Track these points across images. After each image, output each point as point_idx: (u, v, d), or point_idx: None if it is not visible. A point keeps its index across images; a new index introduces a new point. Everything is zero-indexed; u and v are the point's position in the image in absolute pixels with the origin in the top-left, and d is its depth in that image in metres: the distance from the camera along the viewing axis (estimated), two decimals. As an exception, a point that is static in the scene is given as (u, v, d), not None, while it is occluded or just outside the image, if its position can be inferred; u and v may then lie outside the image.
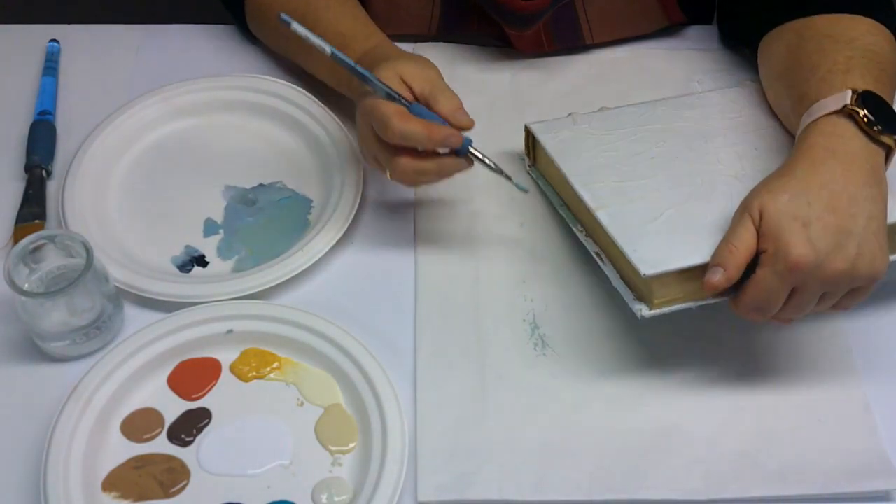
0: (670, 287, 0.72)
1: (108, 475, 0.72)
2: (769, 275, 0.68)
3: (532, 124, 0.87)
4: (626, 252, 0.73)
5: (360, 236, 0.86)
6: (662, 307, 0.72)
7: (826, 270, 0.68)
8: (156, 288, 0.80)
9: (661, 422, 0.75)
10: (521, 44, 0.98)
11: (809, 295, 0.69)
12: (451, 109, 0.76)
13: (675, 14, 1.01)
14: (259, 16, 0.96)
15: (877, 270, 0.69)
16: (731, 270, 0.69)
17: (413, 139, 0.75)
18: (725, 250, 0.70)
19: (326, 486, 0.72)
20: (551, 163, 0.83)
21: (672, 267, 0.71)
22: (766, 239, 0.69)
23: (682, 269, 0.72)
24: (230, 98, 0.94)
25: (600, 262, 0.78)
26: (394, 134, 0.75)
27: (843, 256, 0.68)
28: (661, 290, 0.72)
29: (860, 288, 0.71)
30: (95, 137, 0.89)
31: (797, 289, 0.69)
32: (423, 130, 0.75)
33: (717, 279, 0.69)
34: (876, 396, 0.77)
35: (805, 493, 0.72)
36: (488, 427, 0.74)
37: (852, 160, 0.71)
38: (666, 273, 0.71)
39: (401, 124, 0.74)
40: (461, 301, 0.82)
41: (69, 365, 0.78)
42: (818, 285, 0.69)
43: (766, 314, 0.71)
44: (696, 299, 0.73)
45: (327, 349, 0.77)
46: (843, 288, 0.70)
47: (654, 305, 0.72)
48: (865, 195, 0.70)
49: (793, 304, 0.70)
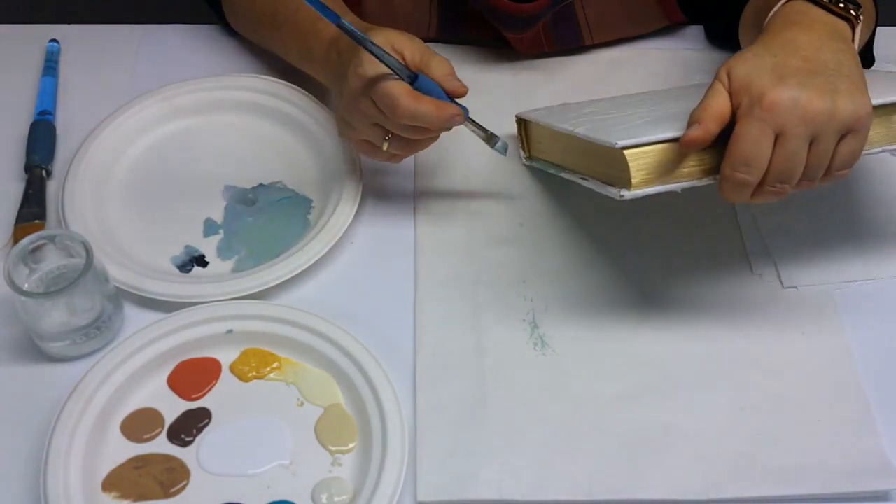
0: (650, 167, 0.70)
1: (108, 475, 0.72)
2: (748, 123, 0.66)
3: (522, 112, 0.87)
4: (600, 141, 0.71)
5: (360, 236, 0.87)
6: (643, 188, 0.70)
7: (806, 108, 0.65)
8: (156, 288, 0.80)
9: (661, 422, 0.75)
10: (520, 46, 0.98)
11: (796, 140, 0.66)
12: (443, 74, 0.76)
13: (675, 14, 1.02)
14: (235, 6, 0.96)
15: (859, 108, 0.67)
16: (707, 122, 0.67)
17: (423, 119, 0.75)
18: (698, 109, 0.68)
19: (326, 486, 0.72)
20: (540, 131, 0.83)
21: (645, 139, 0.70)
22: (738, 94, 0.67)
23: (659, 146, 0.69)
24: (230, 98, 0.94)
25: (585, 182, 0.77)
26: (404, 114, 0.74)
27: (819, 93, 0.66)
28: (640, 170, 0.70)
29: (852, 134, 0.67)
30: (95, 137, 0.89)
31: (781, 135, 0.66)
32: (433, 111, 0.74)
33: (695, 133, 0.67)
34: (876, 396, 0.77)
35: (805, 493, 0.72)
36: (488, 427, 0.75)
37: (812, 24, 0.70)
38: (641, 149, 0.69)
39: (412, 105, 0.74)
40: (461, 301, 0.82)
41: (69, 365, 0.78)
42: (801, 126, 0.66)
43: (755, 172, 0.67)
44: (679, 180, 0.70)
45: (327, 349, 0.77)
46: (831, 132, 0.66)
47: (634, 186, 0.70)
48: (832, 47, 0.69)
49: (781, 155, 0.66)
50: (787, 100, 0.65)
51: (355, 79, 0.77)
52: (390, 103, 0.74)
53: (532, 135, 0.88)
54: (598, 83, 0.97)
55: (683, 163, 0.70)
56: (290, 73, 0.95)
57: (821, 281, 0.83)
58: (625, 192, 0.70)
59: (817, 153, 0.67)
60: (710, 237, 0.86)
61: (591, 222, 0.87)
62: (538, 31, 0.96)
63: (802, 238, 0.86)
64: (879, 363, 0.79)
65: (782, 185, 0.68)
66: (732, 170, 0.67)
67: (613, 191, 0.71)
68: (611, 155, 0.71)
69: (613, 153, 0.70)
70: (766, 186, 0.68)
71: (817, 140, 0.67)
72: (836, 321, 0.81)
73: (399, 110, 0.74)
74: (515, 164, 0.91)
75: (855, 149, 0.68)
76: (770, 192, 0.68)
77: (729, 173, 0.68)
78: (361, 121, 0.79)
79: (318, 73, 0.87)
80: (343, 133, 0.84)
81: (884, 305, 0.82)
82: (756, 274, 0.84)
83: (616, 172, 0.72)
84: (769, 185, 0.68)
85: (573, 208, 0.88)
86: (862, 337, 0.80)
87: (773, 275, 0.84)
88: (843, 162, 0.69)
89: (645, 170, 0.70)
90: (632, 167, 0.70)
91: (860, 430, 0.75)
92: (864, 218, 0.88)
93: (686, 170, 0.70)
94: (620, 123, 0.74)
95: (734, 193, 0.69)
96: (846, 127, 0.67)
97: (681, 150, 0.69)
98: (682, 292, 0.82)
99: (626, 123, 0.74)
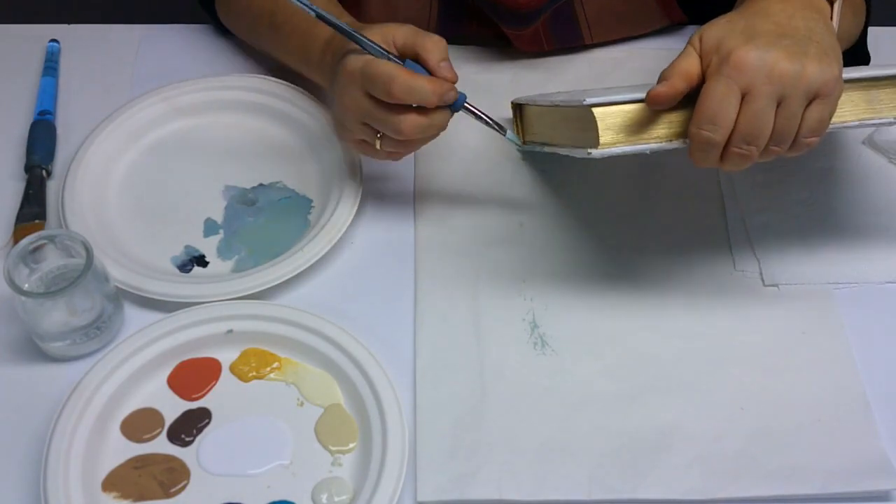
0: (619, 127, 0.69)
1: (108, 475, 0.72)
2: (716, 81, 0.66)
3: (517, 97, 0.87)
4: (573, 103, 0.71)
5: (360, 236, 0.87)
6: (611, 147, 0.69)
7: (773, 67, 0.65)
8: (156, 288, 0.80)
9: (660, 422, 0.75)
10: (519, 43, 0.98)
11: (762, 99, 0.66)
12: (437, 61, 0.76)
13: (675, 14, 1.02)
14: (229, 8, 0.96)
15: (827, 72, 0.66)
16: (673, 79, 0.68)
17: (419, 93, 0.74)
18: (667, 69, 0.69)
19: (326, 486, 0.72)
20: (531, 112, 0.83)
21: (613, 97, 0.69)
22: (708, 54, 0.68)
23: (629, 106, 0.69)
24: (230, 98, 0.94)
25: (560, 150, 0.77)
26: (400, 89, 0.73)
27: (787, 54, 0.66)
28: (608, 130, 0.69)
29: (819, 99, 0.67)
30: (95, 137, 0.89)
31: (748, 93, 0.66)
32: (428, 85, 0.74)
33: (661, 88, 0.67)
34: (876, 396, 0.77)
35: (805, 493, 0.72)
36: (488, 427, 0.75)
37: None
38: (610, 107, 0.69)
39: (408, 79, 0.73)
40: (461, 301, 0.82)
41: (69, 365, 0.78)
42: (768, 85, 0.66)
43: (720, 131, 0.66)
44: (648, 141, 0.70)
45: (327, 349, 0.77)
46: (798, 94, 0.66)
47: (602, 145, 0.69)
48: (805, 16, 0.69)
49: (748, 113, 0.66)
50: (755, 58, 0.66)
51: (343, 75, 0.77)
52: (384, 81, 0.74)
53: (525, 119, 0.88)
54: (598, 83, 0.97)
55: (653, 124, 0.70)
56: (289, 73, 0.95)
57: (802, 280, 0.83)
58: (593, 150, 0.70)
59: (784, 116, 0.67)
60: (710, 238, 0.86)
61: (592, 222, 0.87)
62: (538, 29, 0.96)
63: (787, 237, 0.86)
64: (879, 363, 0.79)
65: (748, 146, 0.67)
66: (698, 128, 0.67)
67: (582, 151, 0.71)
68: (584, 117, 0.70)
69: (584, 114, 0.70)
70: (733, 147, 0.67)
71: (784, 102, 0.67)
72: (836, 321, 0.81)
73: (395, 86, 0.73)
74: (516, 164, 0.91)
75: (823, 115, 0.68)
76: (736, 153, 0.68)
77: (695, 132, 0.67)
78: (353, 119, 0.78)
79: (316, 75, 0.87)
80: (340, 135, 0.84)
81: (884, 305, 0.82)
82: (738, 271, 0.84)
83: (588, 134, 0.71)
84: (735, 146, 0.67)
85: (573, 208, 0.88)
86: (862, 337, 0.80)
87: (755, 272, 0.84)
88: (810, 128, 0.68)
89: (613, 129, 0.69)
90: (600, 125, 0.69)
91: (860, 430, 0.75)
92: (852, 221, 0.88)
93: (656, 132, 0.70)
94: (597, 93, 0.74)
95: (702, 155, 0.68)
96: (814, 90, 0.67)
97: (650, 110, 0.69)
98: (683, 292, 0.82)
99: (602, 92, 0.74)
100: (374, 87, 0.75)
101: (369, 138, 0.79)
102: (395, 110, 0.75)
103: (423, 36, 0.77)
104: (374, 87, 0.75)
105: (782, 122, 0.67)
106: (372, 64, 0.75)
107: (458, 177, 0.90)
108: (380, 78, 0.74)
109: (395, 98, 0.74)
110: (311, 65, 0.87)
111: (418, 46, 0.76)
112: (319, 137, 0.91)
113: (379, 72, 0.74)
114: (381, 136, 0.79)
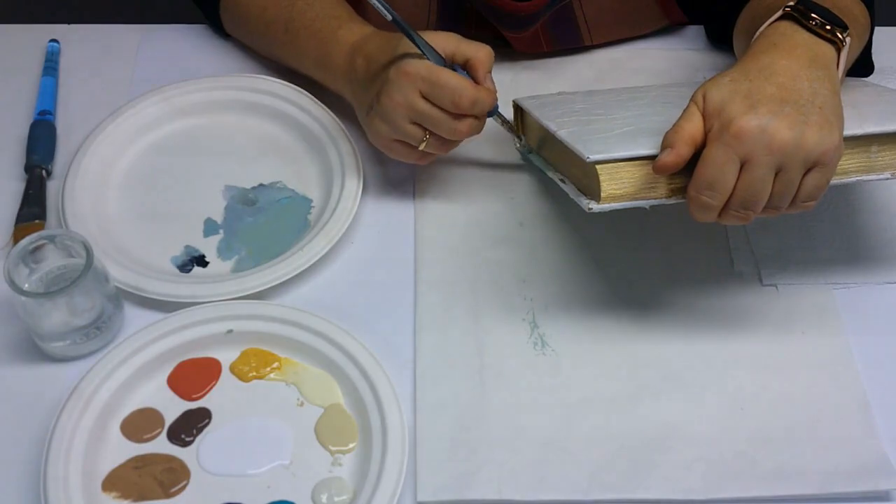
0: (622, 183, 0.70)
1: (108, 475, 0.72)
2: (716, 148, 0.67)
3: (520, 98, 0.87)
4: (577, 150, 0.72)
5: (360, 236, 0.87)
6: (612, 202, 0.71)
7: (773, 138, 0.66)
8: (156, 288, 0.80)
9: (660, 422, 0.75)
10: (519, 45, 0.98)
11: (761, 169, 0.66)
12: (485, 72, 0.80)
13: (675, 14, 1.02)
14: (237, 12, 0.96)
15: (826, 142, 0.66)
16: (679, 146, 0.68)
17: (481, 106, 0.79)
18: (672, 132, 0.69)
19: (326, 486, 0.72)
20: (532, 122, 0.84)
21: (617, 154, 0.70)
22: (710, 117, 0.68)
23: (632, 163, 0.70)
24: (230, 98, 0.94)
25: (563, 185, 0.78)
26: (468, 102, 0.77)
27: (788, 123, 0.66)
28: (610, 184, 0.70)
29: (818, 167, 0.67)
30: (95, 137, 0.89)
31: (747, 162, 0.66)
32: (488, 98, 0.79)
33: (667, 158, 0.68)
34: (876, 396, 0.77)
35: (804, 493, 0.72)
36: (488, 427, 0.75)
37: (794, 47, 0.70)
38: (614, 164, 0.70)
39: (473, 93, 0.77)
40: (461, 301, 0.82)
41: (69, 365, 0.78)
42: (767, 156, 0.66)
43: (718, 197, 0.67)
44: (649, 197, 0.71)
45: (327, 349, 0.77)
46: (797, 163, 0.67)
47: (603, 199, 0.70)
48: (810, 76, 0.68)
49: (746, 181, 0.67)
50: (755, 128, 0.66)
51: (401, 76, 0.78)
52: (452, 94, 0.77)
53: (526, 123, 0.88)
54: (598, 83, 0.97)
55: (654, 181, 0.71)
56: (290, 73, 0.95)
57: (802, 281, 0.83)
58: (593, 204, 0.71)
59: (782, 183, 0.68)
60: (709, 238, 0.86)
61: (591, 222, 0.87)
62: (537, 31, 0.96)
63: (787, 237, 0.86)
64: (879, 363, 0.79)
65: (746, 210, 0.69)
66: (697, 192, 0.68)
67: (584, 201, 0.72)
68: (585, 164, 0.71)
69: (587, 164, 0.71)
70: (731, 210, 0.69)
71: (783, 170, 0.67)
72: (836, 321, 0.81)
73: (463, 100, 0.77)
74: (515, 164, 0.91)
75: (820, 183, 0.69)
76: (734, 216, 0.69)
77: (694, 195, 0.68)
78: (403, 117, 0.79)
79: (337, 80, 0.88)
80: (377, 133, 0.83)
81: (884, 305, 0.83)
82: (737, 271, 0.84)
83: (589, 182, 0.73)
84: (733, 210, 0.69)
85: (573, 209, 0.87)
86: (862, 337, 0.80)
87: (754, 272, 0.84)
88: (808, 194, 0.69)
89: (616, 185, 0.70)
90: (603, 181, 0.70)
91: (860, 430, 0.75)
92: (852, 221, 0.88)
93: (656, 188, 0.71)
94: (601, 132, 0.75)
95: (700, 214, 0.69)
96: (812, 160, 0.67)
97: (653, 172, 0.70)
98: (682, 292, 0.83)
99: (606, 132, 0.74)
100: (440, 97, 0.77)
101: (414, 139, 0.80)
102: (455, 115, 0.79)
103: (472, 47, 0.80)
104: (439, 96, 0.77)
105: (780, 189, 0.68)
106: (436, 72, 0.77)
107: (458, 177, 0.90)
108: (447, 88, 0.77)
109: (461, 109, 0.78)
110: (332, 69, 0.87)
111: (469, 56, 0.79)
112: (319, 137, 0.91)
113: (446, 82, 0.77)
114: (427, 137, 0.80)
